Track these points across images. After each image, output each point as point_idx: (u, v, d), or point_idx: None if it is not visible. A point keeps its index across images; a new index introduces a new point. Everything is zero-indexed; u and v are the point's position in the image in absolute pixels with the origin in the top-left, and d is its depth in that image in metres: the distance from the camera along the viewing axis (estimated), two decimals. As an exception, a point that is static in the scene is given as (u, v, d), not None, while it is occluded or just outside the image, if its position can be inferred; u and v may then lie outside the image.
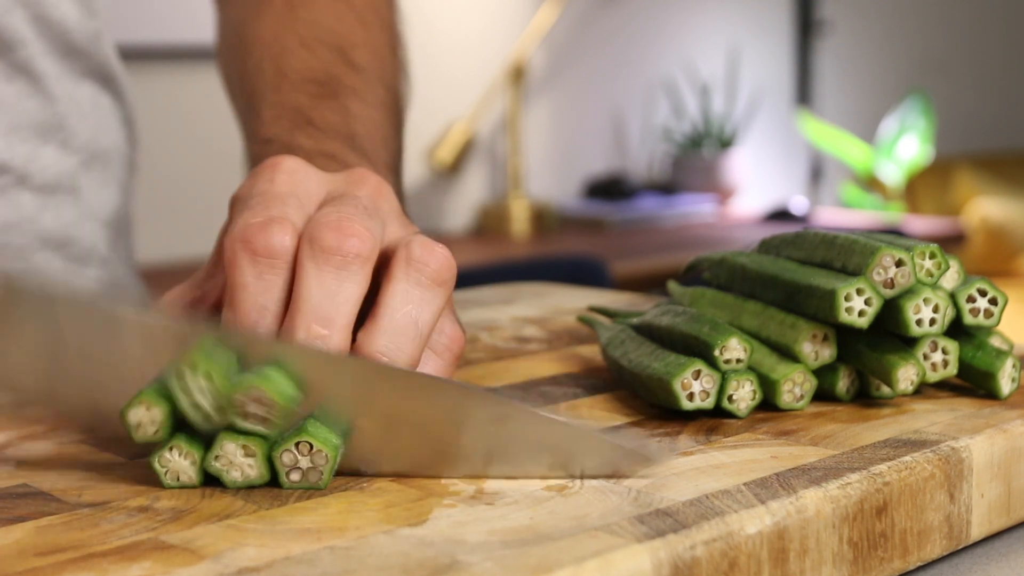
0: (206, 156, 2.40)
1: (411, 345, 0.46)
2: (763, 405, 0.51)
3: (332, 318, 0.45)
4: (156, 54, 2.32)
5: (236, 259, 0.46)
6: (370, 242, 0.46)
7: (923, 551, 0.44)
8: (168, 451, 0.43)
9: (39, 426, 0.52)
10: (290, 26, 0.74)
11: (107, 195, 0.83)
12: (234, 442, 0.42)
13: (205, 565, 0.36)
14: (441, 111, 2.72)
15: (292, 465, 0.42)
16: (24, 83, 0.76)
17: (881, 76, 3.61)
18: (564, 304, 0.79)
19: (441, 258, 0.47)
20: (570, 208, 2.84)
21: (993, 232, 3.45)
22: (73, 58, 0.79)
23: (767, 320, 0.53)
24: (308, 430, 0.42)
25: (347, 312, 0.45)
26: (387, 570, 0.35)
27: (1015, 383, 0.52)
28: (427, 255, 0.47)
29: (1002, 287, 0.52)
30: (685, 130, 3.12)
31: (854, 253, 0.51)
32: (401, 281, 0.46)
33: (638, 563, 0.36)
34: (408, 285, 0.46)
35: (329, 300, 0.45)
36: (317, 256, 0.46)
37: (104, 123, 0.83)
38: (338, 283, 0.46)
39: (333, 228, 0.46)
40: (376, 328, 0.46)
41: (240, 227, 0.47)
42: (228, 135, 1.01)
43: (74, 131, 0.80)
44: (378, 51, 0.75)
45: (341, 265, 0.46)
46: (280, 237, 0.46)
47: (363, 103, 0.69)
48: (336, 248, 0.46)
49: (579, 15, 2.98)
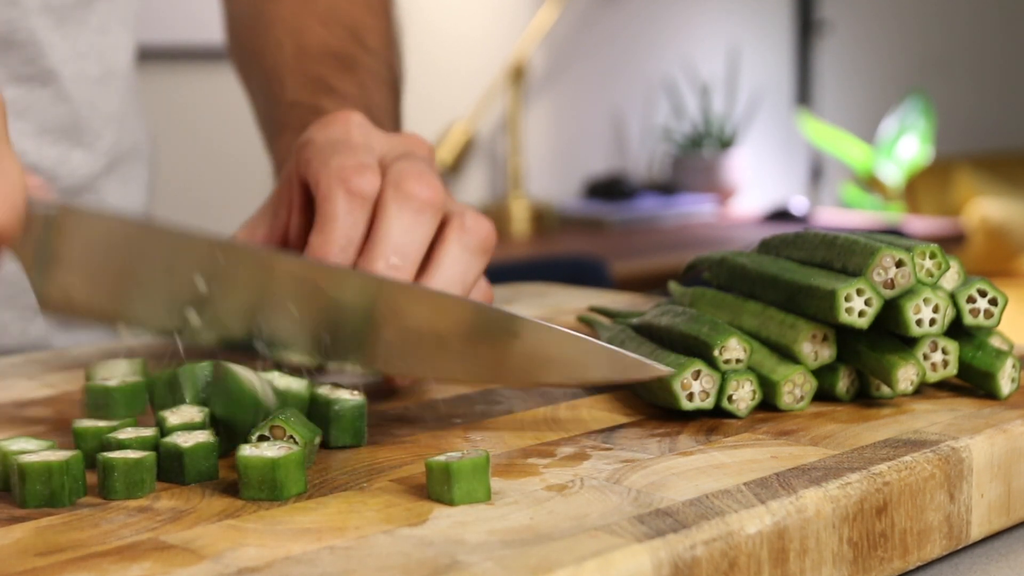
0: (212, 155, 2.40)
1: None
2: (763, 405, 0.51)
3: (408, 252, 0.52)
4: (158, 54, 2.32)
5: (333, 194, 0.53)
6: (442, 195, 0.54)
7: (923, 551, 0.44)
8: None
9: (39, 426, 0.52)
10: (307, 7, 0.78)
11: (130, 195, 0.87)
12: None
13: (205, 565, 0.36)
14: (441, 111, 2.72)
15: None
16: (47, 88, 0.78)
17: (881, 76, 3.61)
18: (564, 304, 0.79)
19: (489, 230, 0.54)
20: (570, 208, 2.84)
21: (993, 232, 3.45)
22: (91, 63, 0.81)
23: (767, 320, 0.53)
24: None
25: (419, 250, 0.52)
26: (387, 570, 0.35)
27: (1015, 383, 0.52)
28: (478, 226, 0.54)
29: (1002, 287, 0.52)
30: (685, 130, 3.12)
31: (854, 253, 0.51)
32: (454, 244, 0.53)
33: (638, 563, 0.36)
34: (459, 248, 0.53)
35: (407, 237, 0.52)
36: (401, 200, 0.53)
37: (128, 125, 0.86)
38: (415, 224, 0.53)
39: (416, 178, 0.53)
40: (431, 279, 0.52)
41: (336, 167, 0.53)
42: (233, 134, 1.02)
43: (99, 134, 0.82)
44: (383, 35, 0.79)
45: (420, 209, 0.53)
46: (372, 180, 0.53)
47: (375, 81, 0.74)
48: (417, 195, 0.53)
49: (579, 15, 2.98)
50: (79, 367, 0.63)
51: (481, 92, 2.78)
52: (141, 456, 0.42)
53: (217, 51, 0.87)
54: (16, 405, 0.56)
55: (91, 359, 0.65)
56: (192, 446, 0.43)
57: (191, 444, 0.43)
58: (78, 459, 0.42)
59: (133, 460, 0.42)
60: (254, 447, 0.42)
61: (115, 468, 0.42)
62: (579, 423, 0.50)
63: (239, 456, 0.42)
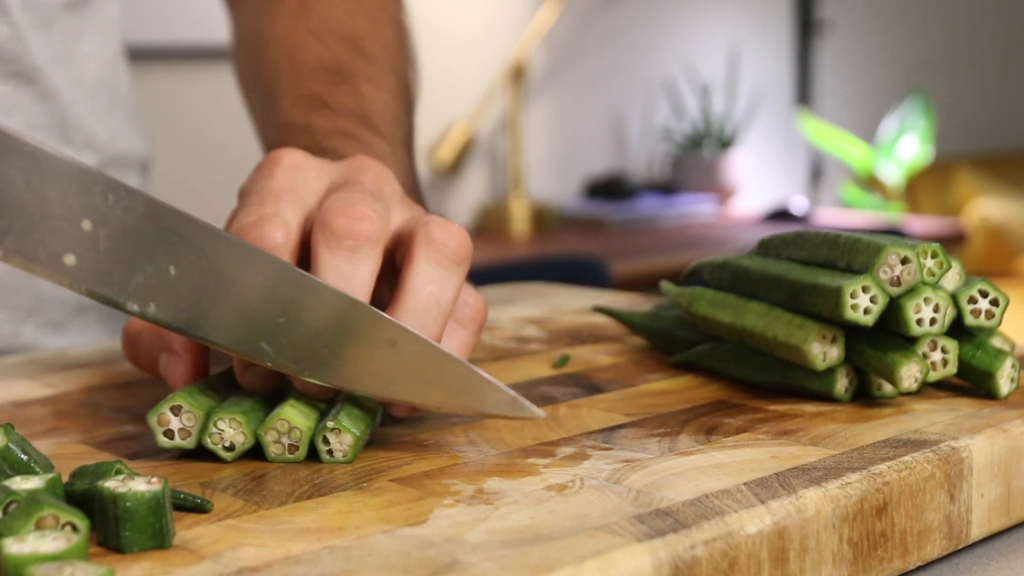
0: (211, 155, 2.40)
1: (435, 323, 0.48)
2: (761, 406, 0.51)
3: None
4: (157, 54, 2.32)
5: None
6: (379, 224, 0.48)
7: (923, 551, 0.44)
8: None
9: (39, 426, 0.52)
10: (303, 22, 0.77)
11: None
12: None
13: (205, 565, 0.35)
14: (441, 111, 2.72)
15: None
16: (34, 87, 0.78)
17: (881, 76, 3.61)
18: (564, 304, 0.79)
19: (459, 237, 0.49)
20: (570, 208, 2.84)
21: (993, 232, 3.45)
22: (73, 67, 0.81)
23: (773, 320, 0.52)
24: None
25: (362, 294, 0.47)
26: (387, 570, 0.35)
27: (1014, 383, 0.52)
28: (445, 236, 0.49)
29: (1002, 287, 0.52)
30: (685, 130, 3.12)
31: (858, 252, 0.51)
32: (422, 262, 0.48)
33: (638, 563, 0.35)
34: (428, 265, 0.48)
35: (344, 283, 0.47)
36: (330, 241, 0.47)
37: (121, 131, 0.86)
38: (351, 266, 0.47)
39: (342, 213, 0.48)
40: (401, 309, 0.47)
41: (234, 226, 0.49)
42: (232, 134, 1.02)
43: (89, 134, 0.82)
44: (388, 42, 0.78)
45: (353, 248, 0.47)
46: (271, 234, 0.48)
47: (375, 87, 0.72)
48: (347, 232, 0.47)
49: (579, 15, 2.98)
50: (79, 367, 0.63)
51: (481, 92, 2.78)
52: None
53: (215, 51, 0.87)
54: (16, 405, 0.56)
55: (91, 359, 0.65)
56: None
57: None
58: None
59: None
60: (19, 542, 0.34)
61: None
62: (579, 423, 0.50)
63: (7, 557, 0.33)
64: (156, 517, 0.37)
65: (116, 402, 0.55)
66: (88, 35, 0.83)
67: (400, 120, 0.72)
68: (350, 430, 0.45)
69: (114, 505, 0.37)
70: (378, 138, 0.67)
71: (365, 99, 0.71)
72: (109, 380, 0.60)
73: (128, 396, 0.56)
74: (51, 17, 0.79)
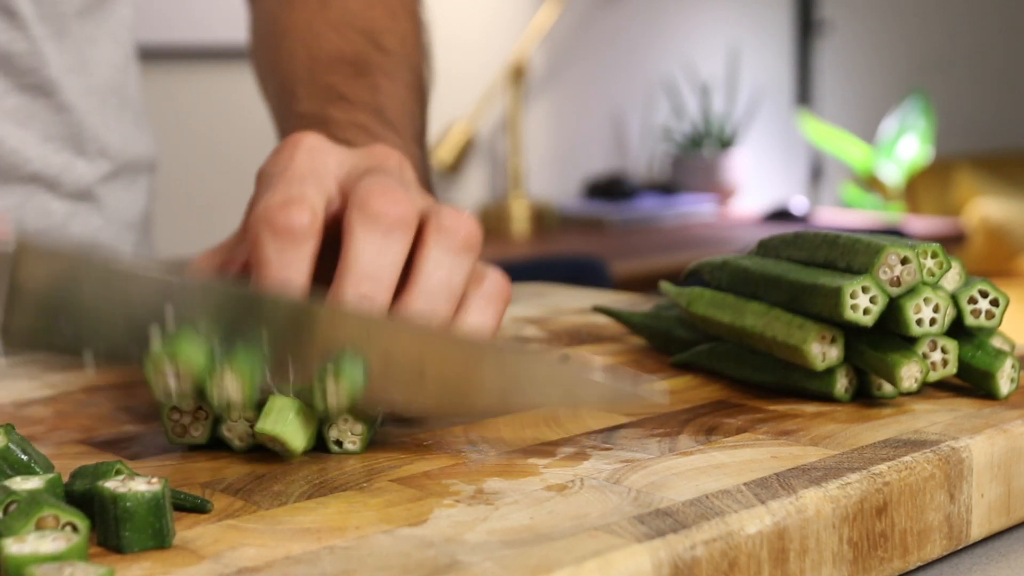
0: (214, 155, 2.40)
1: (445, 307, 0.49)
2: (761, 406, 0.51)
3: (380, 277, 0.48)
4: (159, 54, 2.32)
5: (258, 237, 0.49)
6: (412, 209, 0.50)
7: (923, 551, 0.44)
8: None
9: (39, 426, 0.52)
10: (321, 14, 0.77)
11: (132, 199, 0.87)
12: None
13: (205, 565, 0.35)
14: (441, 111, 2.72)
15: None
16: (50, 98, 0.79)
17: (881, 76, 3.61)
18: (564, 304, 0.79)
19: (469, 225, 0.51)
20: (570, 208, 2.84)
21: (993, 232, 3.45)
22: (86, 75, 0.81)
23: (772, 321, 0.52)
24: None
25: (392, 273, 0.49)
26: (387, 570, 0.35)
27: (1014, 383, 0.52)
28: (456, 223, 0.50)
29: (1002, 287, 0.52)
30: (685, 130, 3.12)
31: (858, 252, 0.51)
32: (433, 248, 0.50)
33: (638, 563, 0.35)
34: (440, 252, 0.50)
35: (377, 261, 0.48)
36: (366, 221, 0.49)
37: (131, 136, 0.87)
38: (385, 245, 0.49)
39: (380, 195, 0.49)
40: (413, 293, 0.49)
41: (261, 207, 0.50)
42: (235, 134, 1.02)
43: (102, 143, 0.83)
44: (405, 37, 0.79)
45: (388, 229, 0.49)
46: (299, 216, 0.49)
47: (391, 82, 0.73)
48: (384, 214, 0.49)
49: (579, 15, 2.98)
50: (79, 367, 0.63)
51: (481, 92, 2.78)
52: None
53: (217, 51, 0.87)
54: (16, 405, 0.56)
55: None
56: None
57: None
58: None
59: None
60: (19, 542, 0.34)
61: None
62: (579, 423, 0.50)
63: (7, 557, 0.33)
64: (156, 517, 0.37)
65: (116, 402, 0.55)
66: (101, 40, 0.84)
67: (414, 115, 0.73)
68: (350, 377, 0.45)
69: (114, 505, 0.37)
70: (392, 132, 0.68)
71: (381, 93, 0.71)
72: (109, 380, 0.60)
73: (128, 396, 0.56)
74: (66, 25, 0.80)
